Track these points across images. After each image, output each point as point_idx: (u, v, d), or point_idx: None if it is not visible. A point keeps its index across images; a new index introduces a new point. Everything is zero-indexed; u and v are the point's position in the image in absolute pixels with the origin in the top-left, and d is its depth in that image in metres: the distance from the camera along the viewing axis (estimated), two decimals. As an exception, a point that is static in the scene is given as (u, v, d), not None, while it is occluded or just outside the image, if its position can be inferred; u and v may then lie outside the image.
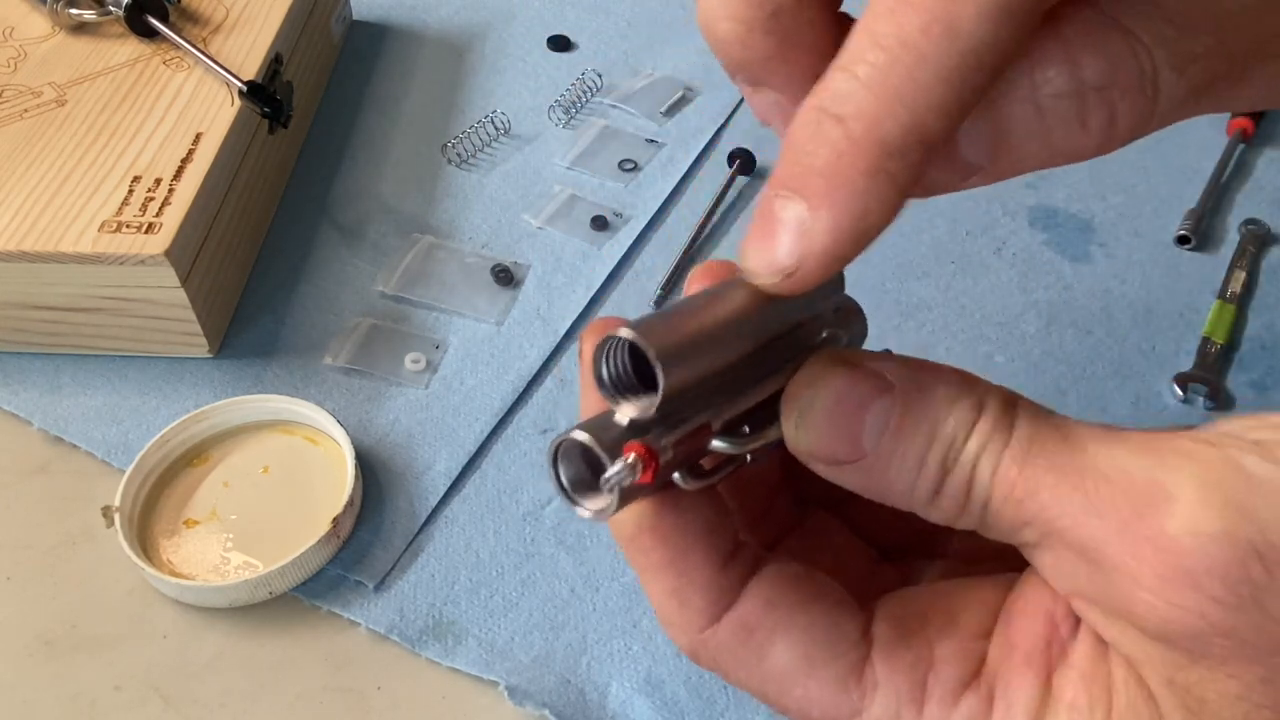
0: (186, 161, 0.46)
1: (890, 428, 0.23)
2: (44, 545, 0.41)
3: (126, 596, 0.39)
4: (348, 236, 0.53)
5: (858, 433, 0.23)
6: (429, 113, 0.60)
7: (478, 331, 0.48)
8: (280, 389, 0.46)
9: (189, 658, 0.38)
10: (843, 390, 0.24)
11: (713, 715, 0.36)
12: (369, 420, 0.45)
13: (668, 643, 0.38)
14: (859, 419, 0.23)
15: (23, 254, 0.43)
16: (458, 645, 0.38)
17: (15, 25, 0.55)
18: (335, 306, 0.49)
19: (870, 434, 0.23)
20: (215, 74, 0.51)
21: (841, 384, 0.24)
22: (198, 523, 0.41)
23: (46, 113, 0.49)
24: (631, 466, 0.22)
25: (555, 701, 0.36)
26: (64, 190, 0.45)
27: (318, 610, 0.39)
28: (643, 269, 0.51)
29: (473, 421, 0.45)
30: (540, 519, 0.42)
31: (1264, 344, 0.48)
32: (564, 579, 0.40)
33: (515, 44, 0.65)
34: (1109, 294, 0.50)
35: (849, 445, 0.24)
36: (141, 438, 0.43)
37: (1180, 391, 0.45)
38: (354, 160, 0.57)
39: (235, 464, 0.43)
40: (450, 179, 0.56)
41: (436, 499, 0.42)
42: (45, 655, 0.38)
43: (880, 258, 0.51)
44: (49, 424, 0.44)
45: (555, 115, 0.59)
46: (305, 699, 0.37)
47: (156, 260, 0.42)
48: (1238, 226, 0.53)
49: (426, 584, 0.39)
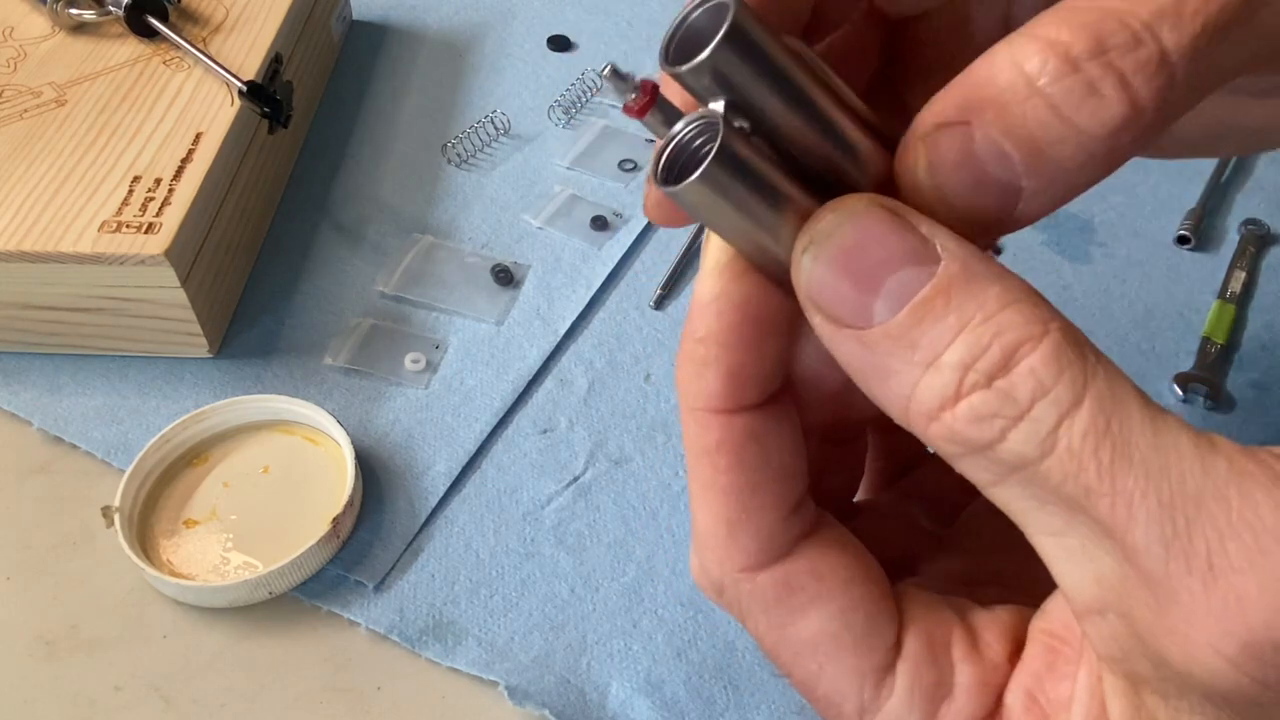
0: (186, 161, 0.46)
1: (916, 302, 0.19)
2: (44, 545, 0.41)
3: (126, 596, 0.39)
4: (348, 236, 0.53)
5: (872, 292, 0.19)
6: (429, 113, 0.60)
7: (478, 331, 0.48)
8: (280, 389, 0.46)
9: (189, 658, 0.38)
10: (873, 234, 0.20)
11: (713, 715, 0.36)
12: (369, 420, 0.45)
13: (668, 642, 0.38)
14: (879, 276, 0.19)
15: (23, 254, 0.43)
16: (458, 645, 0.38)
17: (15, 25, 0.55)
18: (335, 306, 0.49)
19: (887, 301, 0.19)
20: (215, 74, 0.51)
21: (876, 227, 0.20)
22: (198, 523, 0.41)
23: (46, 113, 0.49)
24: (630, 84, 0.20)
25: (555, 701, 0.36)
26: (64, 190, 0.45)
27: (318, 610, 0.39)
28: (642, 269, 0.51)
29: (473, 421, 0.45)
30: (540, 519, 0.42)
31: (1264, 344, 0.48)
32: (564, 579, 0.40)
33: (515, 44, 0.65)
34: (1109, 294, 0.50)
35: (855, 304, 0.20)
36: (141, 438, 0.43)
37: (1180, 391, 0.45)
38: (354, 160, 0.57)
39: (235, 464, 0.43)
40: (450, 179, 0.56)
41: (436, 499, 0.42)
42: (45, 655, 0.38)
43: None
44: (49, 424, 0.44)
45: (555, 115, 0.59)
46: (305, 699, 0.37)
47: (156, 260, 0.42)
48: (1238, 226, 0.53)
49: (426, 584, 0.39)
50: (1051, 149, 0.19)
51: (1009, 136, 0.19)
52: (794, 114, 0.20)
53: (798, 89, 0.20)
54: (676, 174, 0.20)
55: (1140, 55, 0.18)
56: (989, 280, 0.19)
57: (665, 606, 0.39)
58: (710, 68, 0.19)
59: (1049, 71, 0.18)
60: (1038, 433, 0.18)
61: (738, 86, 0.20)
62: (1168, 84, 0.18)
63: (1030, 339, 0.18)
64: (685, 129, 0.20)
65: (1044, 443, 0.18)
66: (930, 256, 0.19)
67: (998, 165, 0.19)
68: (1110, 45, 0.18)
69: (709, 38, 0.19)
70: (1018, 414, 0.18)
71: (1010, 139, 0.19)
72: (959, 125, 0.19)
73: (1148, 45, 0.18)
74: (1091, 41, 0.18)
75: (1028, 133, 0.19)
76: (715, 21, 0.19)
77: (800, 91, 0.20)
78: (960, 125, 0.19)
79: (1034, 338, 0.18)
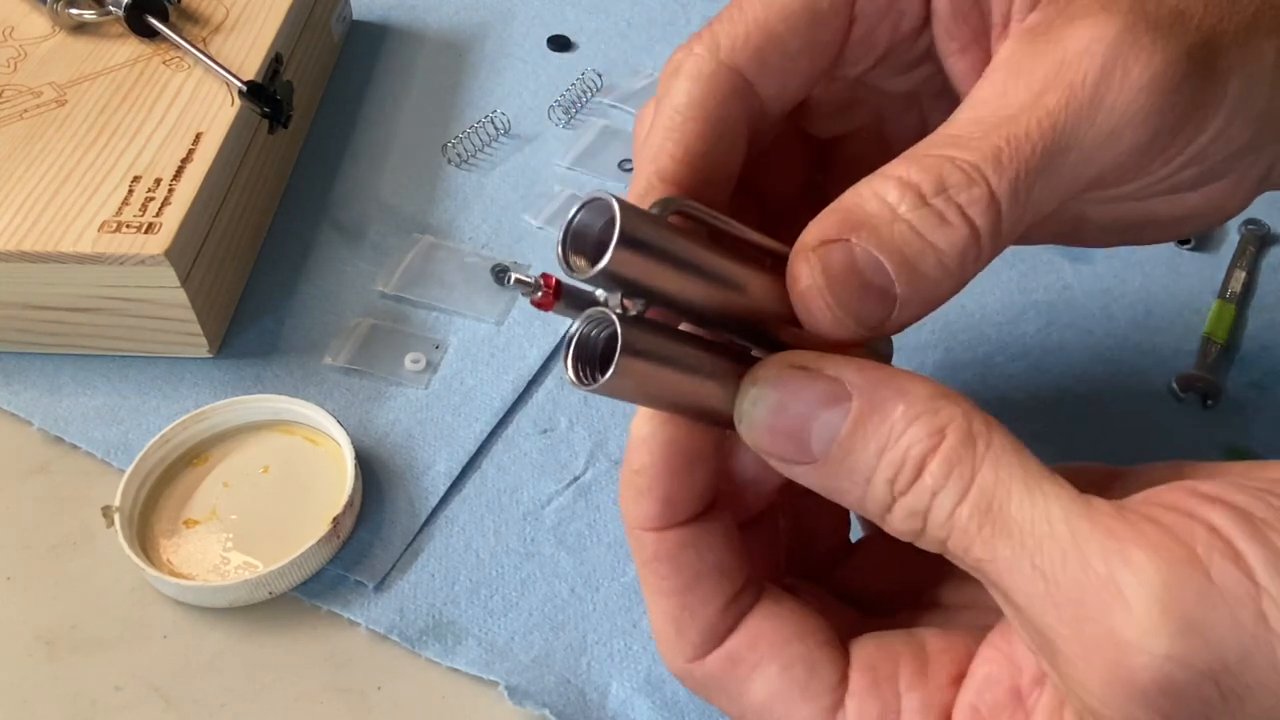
0: (186, 161, 0.46)
1: (840, 440, 0.23)
2: (44, 545, 0.41)
3: (126, 596, 0.39)
4: (348, 236, 0.53)
5: (805, 437, 0.23)
6: (429, 113, 0.60)
7: (478, 331, 0.48)
8: (280, 389, 0.46)
9: (189, 658, 0.38)
10: (791, 394, 0.24)
11: (712, 715, 0.36)
12: (369, 420, 0.45)
13: (668, 643, 0.38)
14: (806, 425, 0.23)
15: (23, 254, 0.43)
16: (458, 645, 0.38)
17: (15, 25, 0.55)
18: (335, 306, 0.49)
19: (819, 440, 0.23)
20: (215, 74, 0.51)
21: (791, 388, 0.24)
22: (198, 523, 0.41)
23: (46, 113, 0.49)
24: (533, 285, 0.22)
25: (555, 701, 0.36)
26: (64, 190, 0.45)
27: (318, 610, 0.39)
28: (643, 269, 0.51)
29: (473, 421, 0.45)
30: (540, 519, 0.42)
31: (1264, 344, 0.48)
32: (564, 579, 0.40)
33: (515, 44, 0.65)
34: (1109, 294, 0.50)
35: (796, 449, 0.24)
36: (141, 438, 0.43)
37: (1180, 391, 0.45)
38: (354, 160, 0.57)
39: (235, 464, 0.43)
40: (450, 179, 0.56)
41: (436, 499, 0.42)
42: (45, 655, 0.38)
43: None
44: (49, 424, 0.44)
45: (555, 115, 0.59)
46: (305, 699, 0.37)
47: (156, 260, 0.42)
48: (1238, 226, 0.53)
49: (426, 584, 0.39)
50: (917, 261, 0.23)
51: (883, 250, 0.23)
52: (683, 279, 0.23)
53: (685, 262, 0.23)
54: (587, 366, 0.23)
55: (973, 193, 0.23)
56: (894, 402, 0.23)
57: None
58: (605, 275, 0.22)
59: (907, 202, 0.23)
60: (938, 521, 0.22)
61: (631, 279, 0.22)
62: (997, 215, 0.24)
63: (931, 450, 0.22)
64: (583, 326, 0.23)
65: (944, 528, 0.22)
66: (842, 395, 0.23)
67: (875, 273, 0.23)
68: (949, 185, 0.23)
69: (598, 234, 0.22)
70: (925, 509, 0.22)
71: (884, 252, 0.23)
72: (840, 242, 0.24)
73: (978, 185, 0.23)
74: (935, 181, 0.23)
75: (897, 247, 0.23)
76: (600, 219, 0.22)
77: (687, 262, 0.23)
78: (842, 242, 0.23)
79: (934, 448, 0.22)
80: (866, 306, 0.24)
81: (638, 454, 0.26)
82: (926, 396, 0.23)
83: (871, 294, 0.24)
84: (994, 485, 0.22)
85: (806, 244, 0.24)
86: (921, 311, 0.24)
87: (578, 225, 0.22)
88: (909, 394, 0.23)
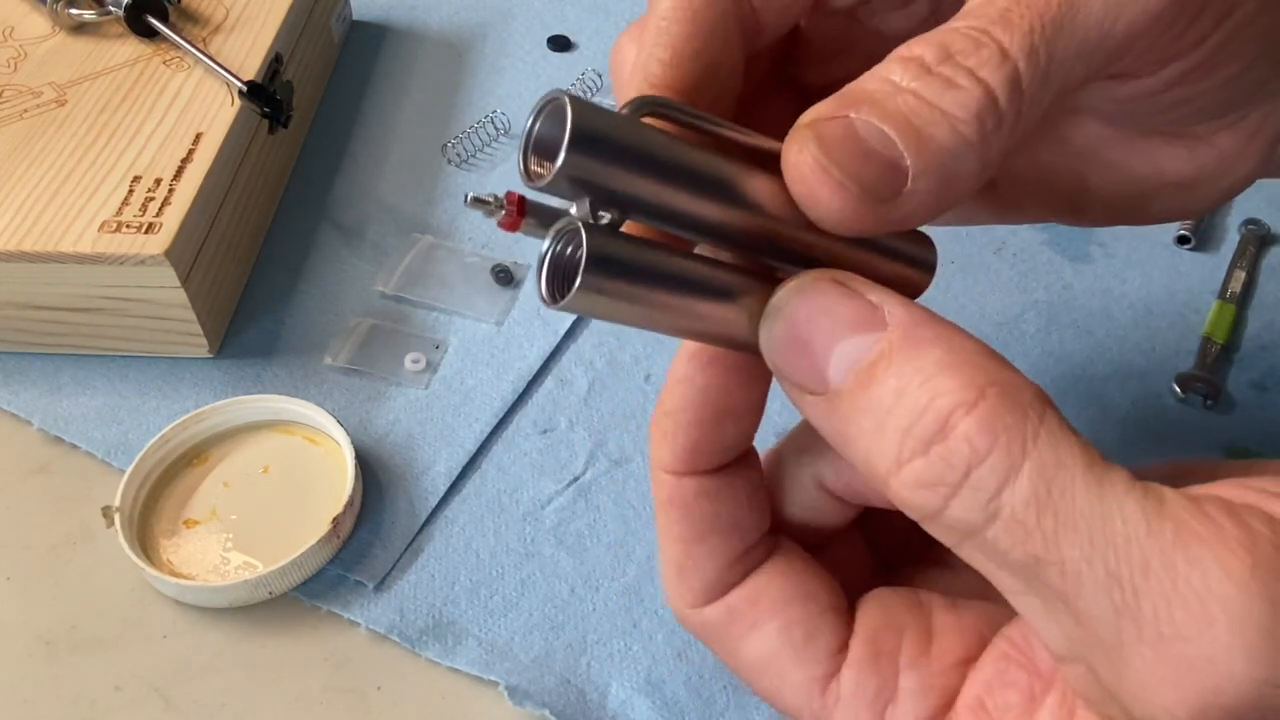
0: (186, 161, 0.46)
1: (860, 368, 0.20)
2: (44, 545, 0.41)
3: (126, 596, 0.39)
4: (348, 236, 0.53)
5: (823, 359, 0.21)
6: (429, 113, 0.60)
7: (478, 331, 0.48)
8: (280, 389, 0.46)
9: (189, 658, 0.38)
10: (820, 306, 0.21)
11: (712, 715, 0.36)
12: (369, 420, 0.45)
13: (668, 642, 0.38)
14: (827, 346, 0.21)
15: (23, 254, 0.43)
16: (458, 645, 0.38)
17: (15, 25, 0.55)
18: (335, 306, 0.49)
19: (836, 368, 0.20)
20: (215, 74, 0.51)
21: (822, 303, 0.21)
22: (198, 523, 0.41)
23: (46, 113, 0.49)
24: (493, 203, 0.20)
25: (555, 701, 0.36)
26: (64, 190, 0.45)
27: (318, 610, 0.39)
28: (643, 269, 0.51)
29: (473, 421, 0.45)
30: (540, 519, 0.42)
31: (1264, 344, 0.48)
32: (564, 579, 0.40)
33: (515, 44, 0.65)
34: (1109, 294, 0.50)
35: (809, 372, 0.21)
36: (141, 438, 0.43)
37: (1180, 391, 0.45)
38: (354, 160, 0.57)
39: (235, 464, 0.43)
40: (450, 179, 0.56)
41: (436, 499, 0.42)
42: (45, 655, 0.38)
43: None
44: (49, 424, 0.44)
45: (555, 115, 0.59)
46: (305, 699, 0.37)
47: (156, 260, 0.42)
48: (1238, 226, 0.53)
49: (426, 584, 0.39)
50: (926, 127, 0.20)
51: (886, 120, 0.20)
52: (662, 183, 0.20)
53: (661, 161, 0.20)
54: (561, 286, 0.20)
55: (982, 54, 0.21)
56: (931, 343, 0.20)
57: (665, 606, 0.39)
58: (565, 178, 0.19)
59: (909, 75, 0.21)
60: (979, 501, 0.19)
61: (598, 184, 0.20)
62: (1014, 73, 0.20)
63: (963, 404, 0.19)
64: (553, 244, 0.21)
65: (986, 510, 0.19)
66: (878, 323, 0.20)
67: (879, 141, 0.20)
68: (955, 51, 0.21)
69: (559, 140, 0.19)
70: (956, 481, 0.19)
71: (888, 122, 0.20)
72: (839, 118, 0.20)
73: (987, 45, 0.21)
74: (939, 51, 0.21)
75: (903, 116, 0.20)
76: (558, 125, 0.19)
77: (664, 162, 0.20)
78: (840, 118, 0.20)
79: (967, 403, 0.19)
80: (871, 172, 0.20)
81: (671, 395, 0.25)
82: (972, 350, 0.20)
83: (876, 161, 0.20)
84: (1055, 468, 0.18)
85: (803, 121, 0.21)
86: (942, 190, 0.21)
87: (539, 134, 0.20)
88: (953, 342, 0.20)
